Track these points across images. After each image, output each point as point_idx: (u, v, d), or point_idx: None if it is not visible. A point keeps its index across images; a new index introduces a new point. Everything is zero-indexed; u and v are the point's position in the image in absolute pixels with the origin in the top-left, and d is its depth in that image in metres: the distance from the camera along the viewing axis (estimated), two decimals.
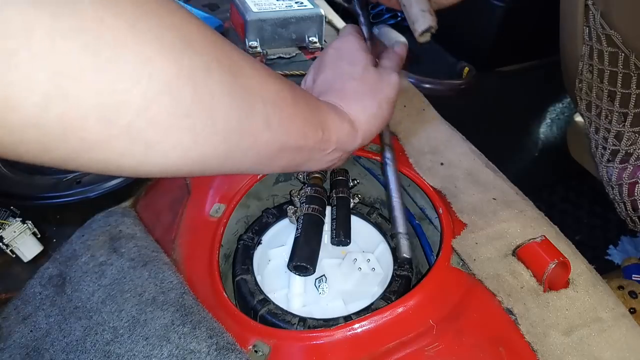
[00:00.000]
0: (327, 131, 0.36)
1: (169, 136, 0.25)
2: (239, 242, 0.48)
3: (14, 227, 0.59)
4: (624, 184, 0.72)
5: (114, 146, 0.23)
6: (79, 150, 0.23)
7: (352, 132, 0.39)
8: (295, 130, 0.33)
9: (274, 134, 0.31)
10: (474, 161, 0.55)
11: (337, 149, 0.38)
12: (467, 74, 1.20)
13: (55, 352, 0.41)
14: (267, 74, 0.31)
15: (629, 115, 0.68)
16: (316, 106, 0.37)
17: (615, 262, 1.14)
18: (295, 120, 0.33)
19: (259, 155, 0.31)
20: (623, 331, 0.41)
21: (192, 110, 0.25)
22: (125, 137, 0.23)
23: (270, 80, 0.31)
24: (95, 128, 0.22)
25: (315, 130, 0.35)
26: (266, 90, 0.30)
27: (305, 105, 0.35)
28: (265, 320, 0.41)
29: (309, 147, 0.35)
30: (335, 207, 0.48)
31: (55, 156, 0.23)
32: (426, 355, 0.37)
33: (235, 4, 0.78)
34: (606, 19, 0.64)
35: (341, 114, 0.39)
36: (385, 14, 1.34)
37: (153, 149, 0.24)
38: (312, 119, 0.35)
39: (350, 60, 0.43)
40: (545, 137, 1.31)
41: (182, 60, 0.24)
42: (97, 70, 0.21)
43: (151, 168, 0.26)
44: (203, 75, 0.25)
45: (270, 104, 0.30)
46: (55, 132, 0.21)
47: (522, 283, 0.42)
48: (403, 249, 0.43)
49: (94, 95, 0.21)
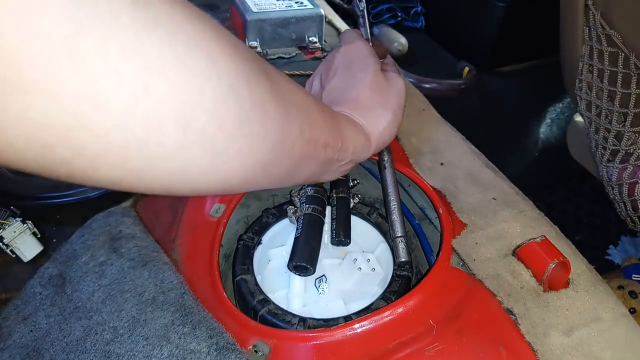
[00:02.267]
0: (345, 141, 0.36)
1: (233, 142, 0.24)
2: (239, 242, 0.48)
3: (14, 227, 0.59)
4: (624, 184, 0.72)
5: (188, 153, 0.22)
6: (155, 158, 0.22)
7: (367, 143, 0.39)
8: (321, 139, 0.33)
9: (306, 142, 0.31)
10: (474, 161, 0.55)
11: (352, 160, 0.38)
12: (467, 74, 1.20)
13: (55, 352, 0.41)
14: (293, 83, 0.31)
15: (629, 115, 0.68)
16: (335, 116, 0.37)
17: (615, 262, 1.14)
18: (321, 128, 0.33)
19: (291, 165, 0.31)
20: (623, 331, 0.41)
21: (250, 115, 0.25)
22: (198, 142, 0.23)
23: (298, 89, 0.31)
24: (174, 132, 0.21)
25: (335, 139, 0.35)
26: (297, 98, 0.30)
27: (327, 115, 0.35)
28: (266, 320, 0.41)
29: (330, 157, 0.35)
30: (335, 207, 0.48)
31: (129, 167, 0.21)
32: (426, 355, 0.37)
33: (235, 4, 0.78)
34: (606, 19, 0.64)
35: (357, 126, 0.39)
36: (385, 13, 1.34)
37: (219, 156, 0.24)
38: (333, 128, 0.35)
39: (361, 66, 0.43)
40: (545, 137, 1.31)
41: (238, 64, 0.24)
42: (175, 66, 0.20)
43: (211, 179, 0.25)
44: (254, 79, 0.25)
45: (302, 111, 0.30)
46: (137, 135, 0.20)
47: (522, 283, 0.42)
48: (401, 253, 0.44)
49: (174, 92, 0.20)
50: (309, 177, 0.36)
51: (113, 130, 0.19)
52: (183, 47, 0.21)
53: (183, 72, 0.21)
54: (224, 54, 0.23)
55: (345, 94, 0.41)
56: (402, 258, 0.44)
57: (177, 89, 0.20)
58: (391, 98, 0.42)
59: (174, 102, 0.21)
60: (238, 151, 0.25)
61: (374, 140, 0.40)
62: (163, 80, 0.20)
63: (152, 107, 0.20)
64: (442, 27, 1.32)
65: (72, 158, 0.19)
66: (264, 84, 0.26)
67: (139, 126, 0.20)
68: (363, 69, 0.42)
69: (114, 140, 0.20)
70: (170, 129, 0.21)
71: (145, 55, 0.19)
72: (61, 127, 0.18)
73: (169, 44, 0.20)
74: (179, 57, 0.20)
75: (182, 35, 0.21)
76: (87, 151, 0.19)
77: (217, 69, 0.22)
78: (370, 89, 0.41)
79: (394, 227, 0.45)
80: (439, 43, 1.33)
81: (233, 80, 0.23)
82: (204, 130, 0.22)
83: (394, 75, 0.44)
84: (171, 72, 0.20)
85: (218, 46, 0.23)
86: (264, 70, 0.27)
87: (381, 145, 0.42)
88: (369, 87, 0.41)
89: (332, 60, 0.45)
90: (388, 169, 0.48)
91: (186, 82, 0.21)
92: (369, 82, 0.42)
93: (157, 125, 0.20)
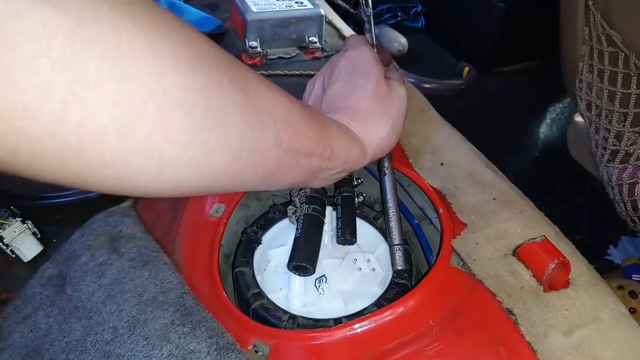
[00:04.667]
0: (336, 151, 0.36)
1: (183, 152, 0.24)
2: (243, 234, 0.48)
3: (14, 227, 0.59)
4: (624, 184, 0.72)
5: (130, 162, 0.23)
6: (96, 164, 0.22)
7: (362, 154, 0.39)
8: (304, 148, 0.33)
9: (284, 151, 0.31)
10: (474, 161, 0.55)
11: (345, 169, 0.38)
12: (467, 74, 1.20)
13: (55, 352, 0.41)
14: (277, 91, 0.31)
15: (629, 115, 0.68)
16: (326, 125, 0.36)
17: (615, 262, 1.14)
18: (305, 138, 0.33)
19: (267, 173, 0.31)
20: (623, 331, 0.41)
21: (205, 126, 0.25)
22: (141, 152, 0.23)
23: (280, 98, 0.31)
24: (113, 141, 0.22)
25: (323, 149, 0.35)
26: (276, 108, 0.30)
27: (315, 124, 0.34)
28: (257, 314, 0.42)
29: (317, 165, 0.35)
30: (340, 207, 0.48)
31: (71, 170, 0.22)
32: (426, 355, 0.37)
33: (235, 4, 0.78)
34: (606, 19, 0.64)
35: (352, 136, 0.38)
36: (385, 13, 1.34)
37: (168, 165, 0.24)
38: (321, 137, 0.35)
39: (364, 73, 0.42)
40: (545, 137, 1.31)
41: (195, 76, 0.24)
42: (114, 80, 0.21)
43: (164, 186, 0.26)
44: (215, 91, 0.25)
45: (280, 121, 0.30)
46: (73, 143, 0.21)
47: (522, 283, 0.42)
48: (397, 261, 0.44)
49: (111, 105, 0.21)
50: (294, 183, 0.36)
51: (46, 136, 0.20)
52: (128, 62, 0.21)
53: (123, 86, 0.21)
54: (179, 67, 0.23)
55: (345, 101, 0.41)
56: (398, 266, 0.44)
57: (114, 102, 0.21)
58: (392, 107, 0.41)
59: (110, 114, 0.21)
60: (190, 160, 0.25)
61: (370, 150, 0.40)
62: (98, 94, 0.20)
63: (86, 117, 0.20)
64: (442, 27, 1.32)
65: (8, 158, 0.21)
66: (229, 95, 0.26)
67: (73, 134, 0.21)
68: (366, 76, 0.42)
69: (48, 146, 0.20)
70: (108, 138, 0.21)
71: (80, 70, 0.20)
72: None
73: (111, 58, 0.20)
74: (121, 72, 0.21)
75: (128, 51, 0.21)
76: (22, 154, 0.20)
77: (165, 82, 0.22)
78: (371, 97, 0.41)
79: (392, 234, 0.45)
80: (439, 43, 1.33)
81: (184, 94, 0.23)
82: (147, 140, 0.23)
83: (396, 83, 0.43)
84: (109, 86, 0.21)
85: (173, 60, 0.23)
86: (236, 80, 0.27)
87: (378, 154, 0.41)
88: (369, 96, 0.41)
89: (336, 64, 0.45)
90: (388, 176, 0.47)
91: (126, 95, 0.21)
92: (370, 91, 0.41)
93: (93, 134, 0.21)
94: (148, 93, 0.22)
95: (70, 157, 0.21)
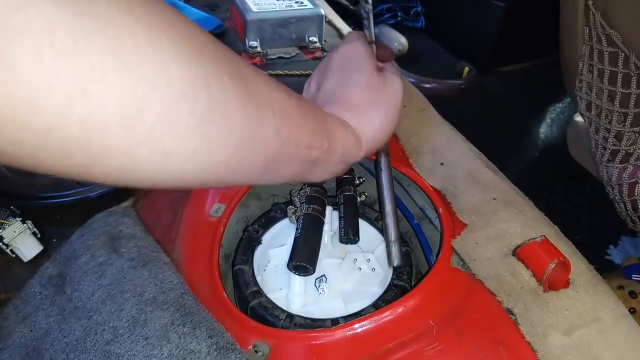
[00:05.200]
0: (333, 142, 0.36)
1: (187, 144, 0.25)
2: (244, 232, 0.48)
3: (14, 227, 0.59)
4: (624, 184, 0.72)
5: (134, 153, 0.23)
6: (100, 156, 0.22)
7: (357, 145, 0.39)
8: (303, 141, 0.33)
9: (283, 143, 0.31)
10: (474, 161, 0.55)
11: (342, 161, 0.38)
12: (467, 74, 1.20)
13: (55, 352, 0.41)
14: (274, 85, 0.32)
15: (629, 115, 0.68)
16: (322, 117, 0.37)
17: (615, 262, 1.14)
18: (303, 130, 0.33)
19: (266, 166, 0.31)
20: (623, 331, 0.41)
21: (208, 118, 0.25)
22: (146, 144, 0.23)
23: (278, 91, 0.32)
24: (117, 133, 0.22)
25: (321, 141, 0.35)
26: (275, 100, 0.31)
27: (312, 116, 0.35)
28: (255, 312, 0.42)
29: (315, 157, 0.35)
30: (342, 206, 0.48)
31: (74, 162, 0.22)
32: (426, 355, 0.37)
33: (235, 4, 0.78)
34: (606, 19, 0.64)
35: (347, 127, 0.39)
36: (385, 13, 1.34)
37: (171, 157, 0.25)
38: (318, 129, 0.35)
39: (357, 67, 0.43)
40: (545, 137, 1.31)
41: (197, 69, 0.24)
42: (117, 72, 0.21)
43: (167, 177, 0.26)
44: (217, 84, 0.26)
45: (279, 113, 0.31)
46: (77, 135, 0.21)
47: (522, 283, 0.42)
48: (394, 257, 0.44)
49: (115, 98, 0.21)
50: (293, 176, 0.36)
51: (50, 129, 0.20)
52: (130, 55, 0.21)
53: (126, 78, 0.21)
54: (180, 61, 0.23)
55: (339, 95, 0.42)
56: (395, 263, 0.44)
57: (118, 95, 0.21)
58: (385, 98, 0.41)
59: (114, 106, 0.21)
60: (194, 152, 0.25)
61: (365, 142, 0.40)
62: (102, 86, 0.20)
63: (91, 110, 0.21)
64: (442, 27, 1.32)
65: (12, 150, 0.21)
66: (229, 88, 0.26)
67: (77, 127, 0.21)
68: (359, 70, 0.42)
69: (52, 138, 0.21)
70: (112, 131, 0.22)
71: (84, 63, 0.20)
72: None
73: (113, 51, 0.21)
74: (123, 65, 0.21)
75: (130, 44, 0.21)
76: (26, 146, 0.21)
77: (168, 75, 0.23)
78: (364, 89, 0.41)
79: (388, 231, 0.45)
80: (439, 43, 1.33)
81: (187, 86, 0.24)
82: (151, 132, 0.23)
83: (391, 75, 0.43)
84: (112, 78, 0.21)
85: (175, 52, 0.23)
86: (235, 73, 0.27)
87: (373, 146, 0.41)
88: (362, 88, 0.41)
89: (329, 60, 0.45)
90: (384, 171, 0.47)
91: (130, 88, 0.21)
92: (363, 83, 0.41)
93: (97, 127, 0.21)
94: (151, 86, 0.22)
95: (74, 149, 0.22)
